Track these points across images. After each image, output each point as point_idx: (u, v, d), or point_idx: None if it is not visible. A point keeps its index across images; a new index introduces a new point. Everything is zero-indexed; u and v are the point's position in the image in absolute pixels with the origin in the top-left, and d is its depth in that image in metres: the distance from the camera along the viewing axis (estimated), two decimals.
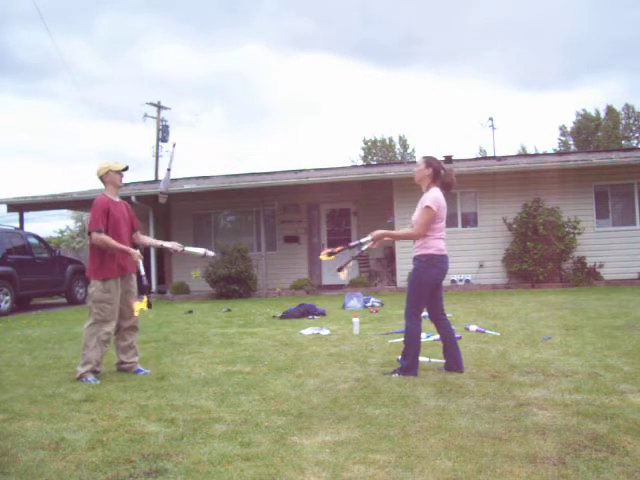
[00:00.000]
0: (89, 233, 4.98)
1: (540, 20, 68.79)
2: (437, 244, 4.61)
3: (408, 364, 4.60)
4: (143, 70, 78.30)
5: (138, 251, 5.09)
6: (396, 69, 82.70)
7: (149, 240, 5.65)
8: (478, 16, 72.82)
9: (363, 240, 4.83)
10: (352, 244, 4.94)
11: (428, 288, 4.65)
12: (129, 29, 76.85)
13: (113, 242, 4.93)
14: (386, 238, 4.85)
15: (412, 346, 4.62)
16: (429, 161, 4.76)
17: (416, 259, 4.68)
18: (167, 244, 5.38)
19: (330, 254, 4.85)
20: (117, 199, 5.19)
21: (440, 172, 4.71)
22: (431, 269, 4.61)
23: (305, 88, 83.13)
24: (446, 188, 4.76)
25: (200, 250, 5.47)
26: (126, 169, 5.21)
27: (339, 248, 4.89)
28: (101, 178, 5.16)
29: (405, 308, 4.73)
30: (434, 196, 4.61)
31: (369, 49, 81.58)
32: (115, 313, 4.99)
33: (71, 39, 74.54)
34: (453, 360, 4.71)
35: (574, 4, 71.58)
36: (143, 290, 5.14)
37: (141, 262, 5.08)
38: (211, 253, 5.47)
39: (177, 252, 5.36)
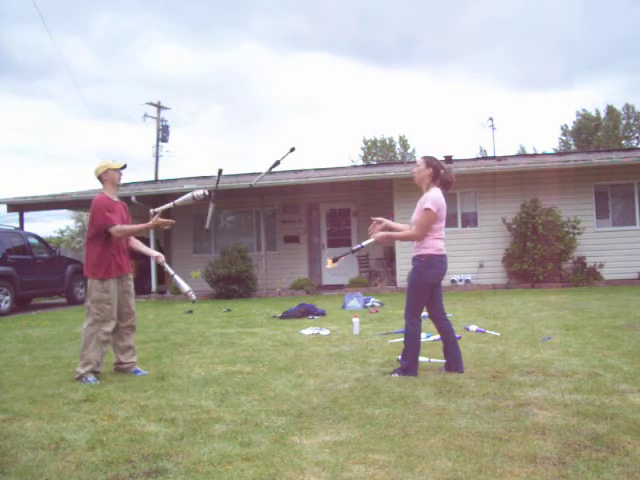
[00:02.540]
0: (105, 231, 4.89)
1: (538, 20, 68.78)
2: (436, 244, 4.61)
3: (408, 364, 4.60)
4: (141, 70, 78.25)
5: (155, 219, 4.98)
6: (395, 69, 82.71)
7: (139, 245, 5.44)
8: (476, 16, 72.85)
9: (365, 243, 5.07)
10: (354, 248, 5.20)
11: (427, 288, 4.65)
12: (126, 29, 76.83)
13: (130, 226, 4.97)
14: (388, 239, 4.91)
15: (412, 346, 4.62)
16: (429, 161, 4.75)
17: (415, 259, 4.68)
18: (154, 253, 5.48)
19: (335, 260, 5.16)
20: (116, 199, 5.16)
21: (440, 171, 4.71)
22: (430, 269, 4.61)
23: (304, 87, 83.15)
24: (446, 186, 4.76)
25: (185, 287, 5.27)
26: (124, 167, 5.18)
27: (342, 256, 5.30)
28: (100, 177, 5.11)
29: (405, 308, 4.73)
30: (434, 197, 4.60)
31: (368, 48, 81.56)
32: (114, 312, 4.96)
33: (68, 39, 74.54)
34: (453, 360, 4.71)
35: (572, 3, 71.64)
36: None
37: (159, 221, 4.99)
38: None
39: (157, 262, 5.42)
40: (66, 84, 74.94)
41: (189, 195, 5.13)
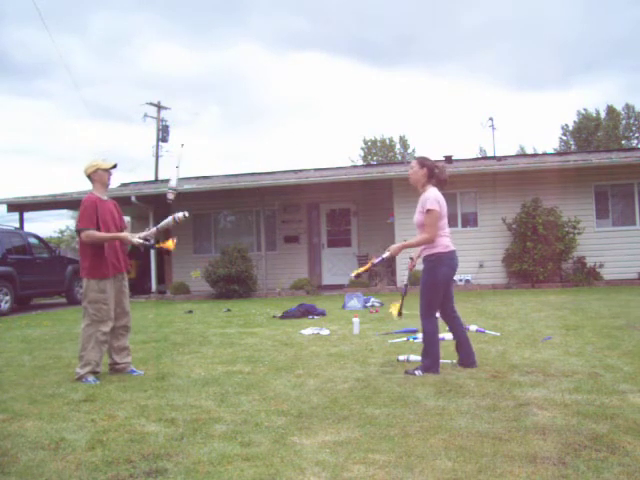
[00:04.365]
0: (78, 232, 4.93)
1: (537, 19, 68.77)
2: (443, 242, 4.63)
3: (430, 363, 4.63)
4: (140, 70, 78.26)
5: (126, 232, 5.04)
6: (394, 69, 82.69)
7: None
8: (475, 16, 72.82)
9: (385, 256, 4.86)
10: (376, 261, 4.91)
11: (441, 286, 4.67)
12: (125, 28, 76.85)
13: (101, 234, 4.87)
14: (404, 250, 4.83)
15: (432, 345, 4.65)
16: (422, 161, 4.79)
17: (425, 259, 4.69)
18: (139, 241, 5.08)
19: (357, 276, 5.20)
20: (105, 197, 5.12)
21: (434, 170, 4.74)
22: (441, 267, 4.63)
23: (303, 87, 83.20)
24: (441, 185, 4.79)
25: (168, 218, 5.07)
26: (114, 167, 5.13)
27: (365, 268, 5.04)
28: (89, 176, 5.08)
29: (420, 309, 4.74)
30: (434, 196, 4.63)
31: (366, 48, 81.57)
32: (111, 312, 4.94)
33: (67, 39, 74.53)
34: (465, 355, 4.78)
35: (571, 3, 71.62)
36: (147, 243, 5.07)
37: (134, 239, 4.99)
38: (180, 214, 5.03)
39: (148, 240, 5.07)
40: (66, 84, 75.08)
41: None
